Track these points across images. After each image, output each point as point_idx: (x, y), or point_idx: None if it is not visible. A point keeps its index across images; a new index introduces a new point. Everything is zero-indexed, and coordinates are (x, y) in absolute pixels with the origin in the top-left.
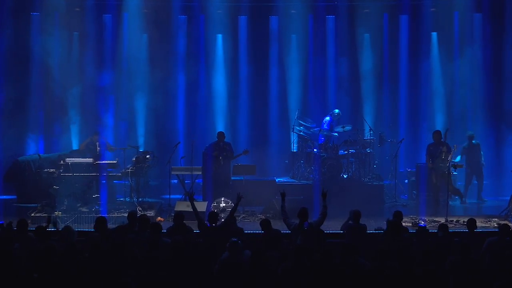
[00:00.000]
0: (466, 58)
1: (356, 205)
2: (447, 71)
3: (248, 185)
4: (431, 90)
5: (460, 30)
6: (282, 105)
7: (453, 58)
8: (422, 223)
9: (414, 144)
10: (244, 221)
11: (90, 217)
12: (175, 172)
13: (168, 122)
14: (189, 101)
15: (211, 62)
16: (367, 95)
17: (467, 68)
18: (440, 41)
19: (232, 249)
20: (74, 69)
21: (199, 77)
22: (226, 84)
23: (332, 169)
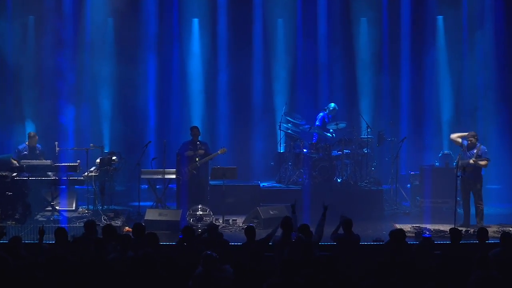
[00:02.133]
0: (476, 45)
1: (352, 213)
2: (455, 60)
3: (228, 191)
4: (436, 81)
5: (469, 13)
6: (267, 99)
7: (461, 45)
8: (426, 234)
9: (418, 143)
10: (224, 231)
11: (48, 227)
12: (145, 176)
13: (137, 119)
14: (161, 95)
15: (186, 50)
16: (364, 88)
17: (478, 57)
18: (446, 25)
19: (207, 264)
20: (29, 58)
21: (172, 67)
22: (203, 75)
23: (324, 172)
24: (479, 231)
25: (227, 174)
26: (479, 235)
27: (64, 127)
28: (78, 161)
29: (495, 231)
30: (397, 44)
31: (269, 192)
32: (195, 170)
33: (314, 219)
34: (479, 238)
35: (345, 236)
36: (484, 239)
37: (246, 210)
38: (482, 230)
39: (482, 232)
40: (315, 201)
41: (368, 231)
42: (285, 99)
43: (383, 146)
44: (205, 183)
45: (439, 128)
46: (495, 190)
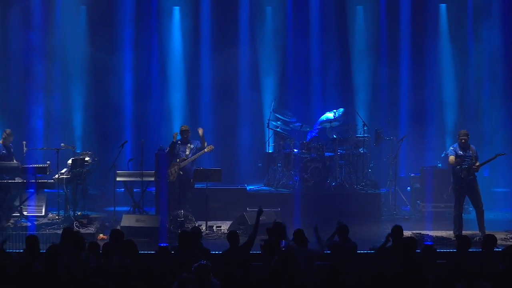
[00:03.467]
0: (482, 35)
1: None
2: (459, 52)
3: (212, 195)
4: (439, 75)
5: (475, 2)
6: (254, 94)
7: (466, 35)
8: (428, 241)
9: (419, 142)
10: (208, 238)
11: (15, 235)
12: (121, 179)
13: (112, 116)
14: (139, 90)
15: (166, 42)
16: (360, 82)
17: (484, 48)
18: (450, 14)
19: (200, 273)
20: None
21: (151, 60)
22: (184, 69)
23: (316, 174)
24: (486, 238)
25: (210, 177)
26: (486, 242)
27: (32, 125)
28: (48, 162)
29: (503, 238)
30: (396, 35)
31: (257, 196)
32: (182, 170)
33: (306, 225)
34: (485, 246)
35: (340, 243)
36: (492, 247)
37: (232, 215)
38: (489, 237)
39: (490, 240)
40: (306, 206)
41: (364, 238)
42: (274, 94)
43: (380, 146)
44: (188, 186)
45: (442, 126)
46: (502, 194)
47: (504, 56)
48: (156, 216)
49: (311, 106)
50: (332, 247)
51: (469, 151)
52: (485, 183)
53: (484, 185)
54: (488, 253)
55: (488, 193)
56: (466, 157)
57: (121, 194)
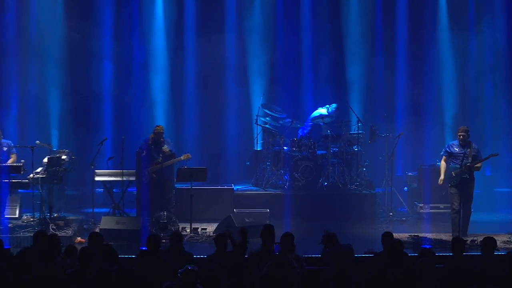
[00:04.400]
0: (483, 25)
1: (340, 221)
2: (459, 43)
3: (197, 195)
4: (438, 68)
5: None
6: (241, 88)
7: (467, 25)
8: (426, 244)
9: (416, 139)
10: (192, 242)
11: None
12: (100, 178)
13: (91, 112)
14: (119, 84)
15: (147, 32)
16: (354, 76)
17: (486, 39)
18: (450, 3)
19: (187, 280)
20: None
21: (132, 51)
22: (167, 61)
23: (308, 173)
24: (486, 241)
25: (195, 176)
26: (486, 244)
27: (4, 121)
28: (22, 161)
29: (505, 241)
30: (392, 25)
31: (244, 197)
32: (155, 173)
33: (296, 228)
34: (484, 249)
35: (336, 248)
36: (491, 249)
37: (218, 217)
38: (489, 239)
39: (489, 242)
40: (297, 207)
41: (359, 241)
42: (263, 88)
43: (376, 143)
44: (169, 186)
45: (441, 122)
46: (504, 194)
47: (507, 48)
48: (137, 218)
49: (302, 101)
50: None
51: (467, 149)
52: (487, 182)
53: (485, 185)
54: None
55: (490, 193)
56: (461, 155)
57: (100, 195)
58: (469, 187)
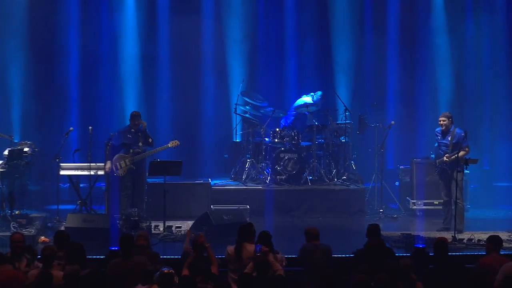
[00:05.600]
0: (482, 10)
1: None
2: (455, 29)
3: (171, 190)
4: (432, 54)
5: None
6: (219, 74)
7: (464, 7)
8: (419, 243)
9: (409, 130)
10: (166, 241)
11: None
12: (65, 172)
13: (55, 101)
14: (85, 70)
15: (117, 12)
16: (341, 61)
17: (484, 25)
18: None
19: (164, 284)
20: None
21: (100, 34)
22: (139, 44)
23: (291, 166)
24: (490, 240)
25: (169, 170)
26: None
27: None
28: None
29: (505, 240)
30: (383, 8)
31: (222, 192)
32: (134, 164)
33: (278, 225)
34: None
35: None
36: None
37: (193, 214)
38: (494, 238)
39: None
40: (279, 203)
41: (346, 241)
42: (242, 75)
43: (365, 134)
44: (142, 181)
45: (436, 112)
46: (504, 189)
47: (506, 31)
48: (106, 216)
49: (285, 89)
50: (301, 252)
51: (448, 137)
52: (485, 177)
53: (484, 179)
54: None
55: (488, 188)
56: (442, 144)
57: (65, 190)
58: (448, 179)
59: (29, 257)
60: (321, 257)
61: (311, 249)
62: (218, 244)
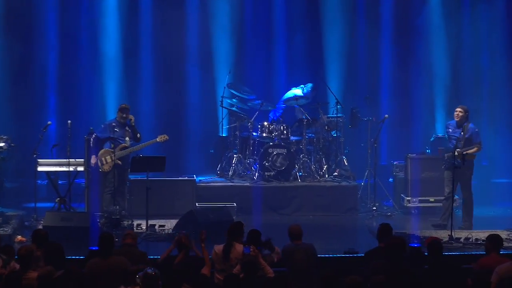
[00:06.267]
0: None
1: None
2: (452, 16)
3: (154, 188)
4: (428, 44)
5: None
6: (204, 65)
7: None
8: (415, 242)
9: (403, 124)
10: (149, 240)
11: None
12: (43, 169)
13: (32, 92)
14: (64, 61)
15: (97, 5)
16: (332, 51)
17: (482, 11)
18: None
19: (147, 285)
20: None
21: (80, 23)
22: (121, 34)
23: (280, 162)
24: (489, 239)
25: (152, 166)
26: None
27: None
28: None
29: (504, 239)
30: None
31: (208, 189)
32: (120, 160)
33: (267, 224)
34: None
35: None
36: (496, 248)
37: (177, 212)
38: (494, 237)
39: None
40: (268, 200)
41: (338, 239)
42: (229, 66)
43: (357, 128)
44: (124, 177)
45: (432, 105)
46: (503, 185)
47: (505, 19)
48: (86, 214)
49: (274, 81)
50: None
51: (460, 131)
52: (483, 173)
53: (482, 176)
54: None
55: (487, 184)
56: (454, 138)
57: (43, 187)
58: (463, 175)
59: (5, 258)
60: (302, 257)
61: (292, 249)
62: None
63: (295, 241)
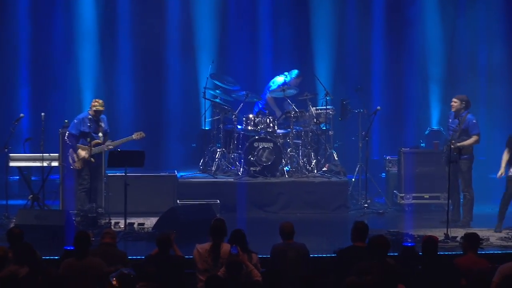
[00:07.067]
0: None
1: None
2: (449, 5)
3: (133, 184)
4: (422, 32)
5: None
6: (186, 54)
7: None
8: (408, 241)
9: (396, 117)
10: (127, 240)
11: None
12: (15, 164)
13: (3, 83)
14: (38, 49)
15: None
16: (321, 39)
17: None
18: None
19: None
20: None
21: (53, 9)
22: (97, 22)
23: (266, 157)
24: (468, 237)
25: (130, 161)
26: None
27: None
28: None
29: (502, 238)
30: None
31: (190, 185)
32: (93, 157)
33: (252, 222)
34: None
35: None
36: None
37: (158, 210)
38: (471, 235)
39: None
40: (253, 197)
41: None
42: (212, 56)
43: (348, 121)
44: (99, 173)
45: (426, 96)
46: (501, 181)
47: (505, 8)
48: (60, 212)
49: (259, 71)
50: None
51: (457, 121)
52: (480, 167)
53: (479, 170)
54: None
55: (484, 180)
56: (451, 128)
57: (15, 184)
58: (459, 169)
59: None
60: (294, 257)
61: (283, 248)
62: (185, 242)
63: (287, 240)
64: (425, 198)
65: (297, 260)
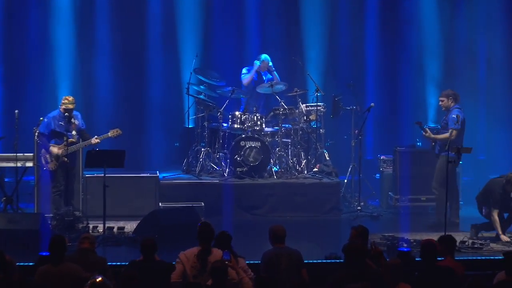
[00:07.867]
0: None
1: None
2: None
3: (112, 185)
4: (418, 25)
5: None
6: (168, 47)
7: None
8: (404, 246)
9: (391, 114)
10: (106, 245)
11: None
12: None
13: None
14: (11, 44)
15: None
16: (311, 33)
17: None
18: None
19: None
20: None
21: (27, 2)
22: (74, 13)
23: (253, 157)
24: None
25: (109, 161)
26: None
27: None
28: None
29: (505, 242)
30: None
31: (173, 187)
32: (66, 157)
33: (238, 226)
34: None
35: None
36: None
37: (139, 213)
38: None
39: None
40: (239, 199)
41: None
42: (196, 50)
43: (340, 118)
44: (75, 174)
45: (423, 92)
46: None
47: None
48: (35, 215)
49: (246, 65)
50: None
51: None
52: (480, 167)
53: (478, 171)
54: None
55: (484, 180)
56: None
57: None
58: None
59: None
60: (288, 262)
61: (275, 254)
62: (168, 248)
63: (278, 244)
64: (421, 201)
65: (290, 267)
